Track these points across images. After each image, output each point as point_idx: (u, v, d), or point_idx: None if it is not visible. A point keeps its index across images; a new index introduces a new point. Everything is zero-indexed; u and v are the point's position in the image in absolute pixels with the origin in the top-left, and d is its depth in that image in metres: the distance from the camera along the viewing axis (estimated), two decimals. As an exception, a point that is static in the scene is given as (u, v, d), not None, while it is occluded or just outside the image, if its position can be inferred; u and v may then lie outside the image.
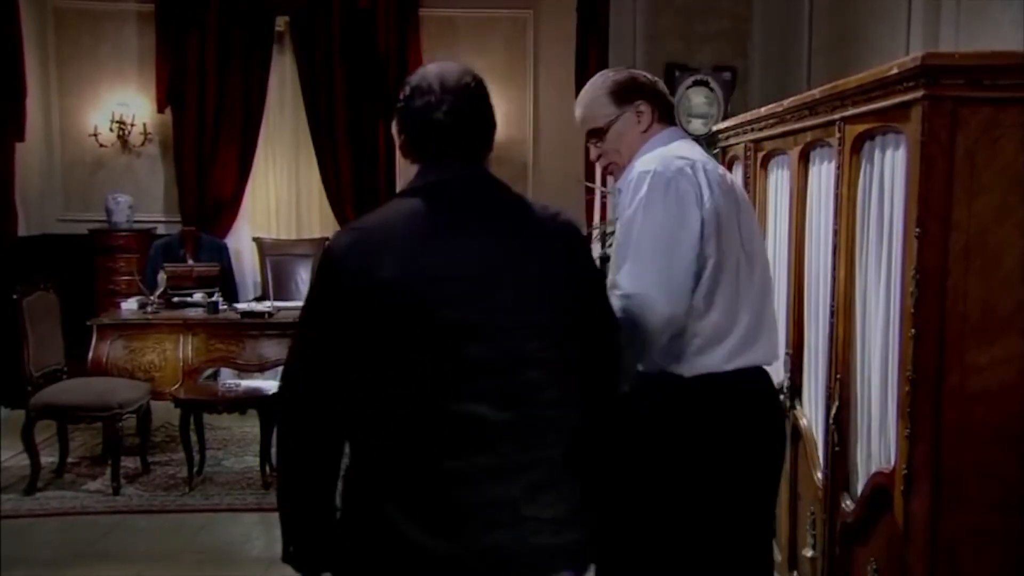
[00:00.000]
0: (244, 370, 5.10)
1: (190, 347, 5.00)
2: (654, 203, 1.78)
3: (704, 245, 1.79)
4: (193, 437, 4.48)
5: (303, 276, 6.16)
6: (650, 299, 1.75)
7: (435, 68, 1.56)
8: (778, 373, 2.47)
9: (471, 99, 1.53)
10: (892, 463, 1.80)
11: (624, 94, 1.96)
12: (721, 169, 1.95)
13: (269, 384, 4.81)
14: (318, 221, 6.84)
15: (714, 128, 3.28)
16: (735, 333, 1.84)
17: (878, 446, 1.92)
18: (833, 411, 2.07)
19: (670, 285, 1.77)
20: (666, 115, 2.01)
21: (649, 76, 2.04)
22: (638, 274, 1.77)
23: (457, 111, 1.51)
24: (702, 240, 1.79)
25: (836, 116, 2.03)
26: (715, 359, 1.84)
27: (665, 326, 1.77)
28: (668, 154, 1.85)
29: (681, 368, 1.84)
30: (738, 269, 1.85)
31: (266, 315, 5.09)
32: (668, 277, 1.77)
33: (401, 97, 1.55)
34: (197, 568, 3.56)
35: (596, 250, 4.25)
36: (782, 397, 2.39)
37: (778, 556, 2.51)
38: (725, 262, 1.82)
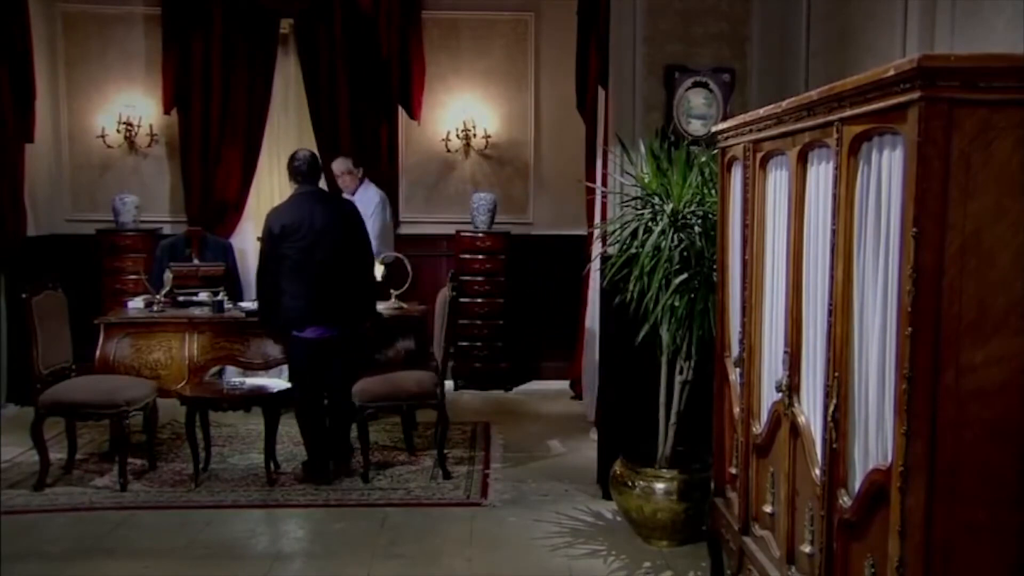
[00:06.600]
0: (249, 368, 5.14)
1: (195, 345, 5.03)
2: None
3: None
4: (199, 434, 4.53)
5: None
6: None
7: (301, 153, 4.68)
8: (776, 371, 2.51)
9: (311, 162, 4.63)
10: (889, 460, 1.83)
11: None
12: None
13: (273, 382, 4.85)
14: (321, 221, 6.88)
15: (713, 129, 3.31)
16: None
17: (875, 443, 1.94)
18: (831, 409, 2.09)
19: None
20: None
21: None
22: None
23: (305, 168, 4.61)
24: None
25: (834, 117, 2.05)
26: None
27: None
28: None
29: None
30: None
31: (271, 314, 5.12)
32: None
33: (293, 161, 4.65)
34: (202, 563, 3.60)
35: (597, 248, 4.27)
36: (780, 395, 2.44)
37: (776, 552, 2.54)
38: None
